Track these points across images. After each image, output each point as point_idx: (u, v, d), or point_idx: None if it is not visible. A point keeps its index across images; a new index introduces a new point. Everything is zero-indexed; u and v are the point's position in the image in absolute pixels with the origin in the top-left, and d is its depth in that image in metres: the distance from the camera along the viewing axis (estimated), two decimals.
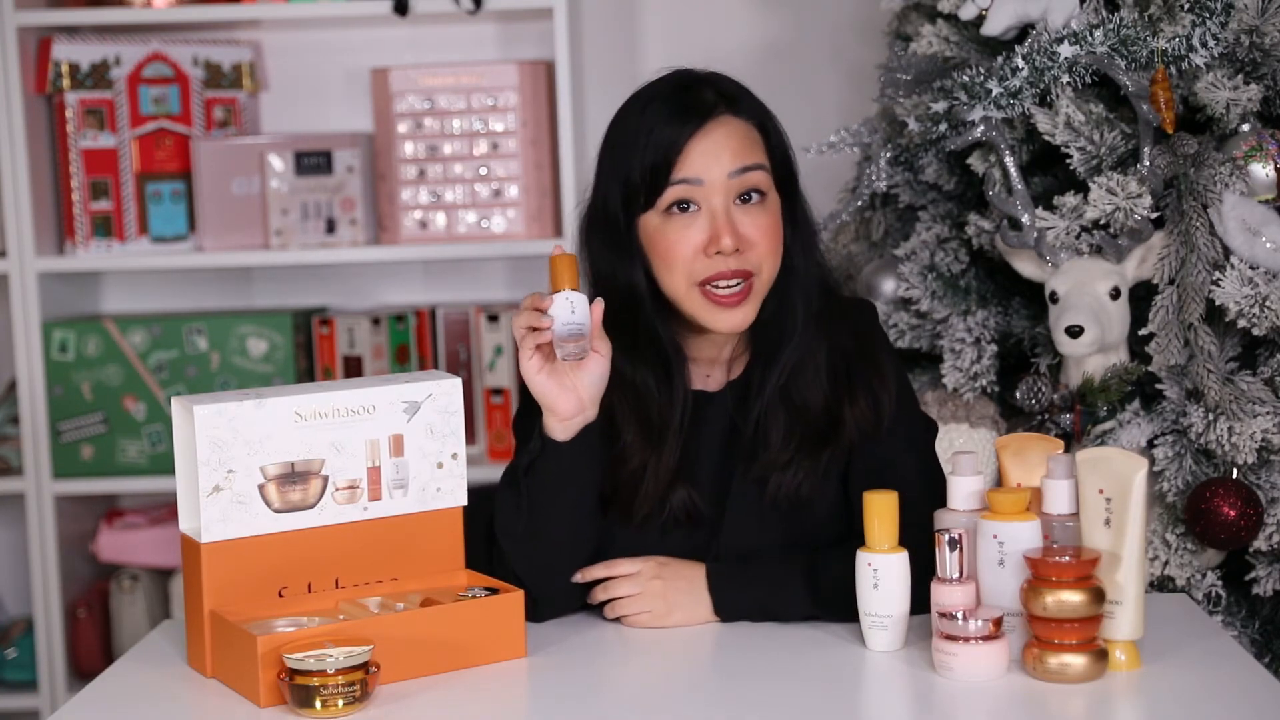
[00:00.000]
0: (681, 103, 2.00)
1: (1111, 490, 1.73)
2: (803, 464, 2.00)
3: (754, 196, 1.99)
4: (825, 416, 2.02)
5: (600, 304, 1.89)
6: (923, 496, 1.91)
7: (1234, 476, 2.33)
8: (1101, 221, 2.41)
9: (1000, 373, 2.58)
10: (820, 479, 2.01)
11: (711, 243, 1.97)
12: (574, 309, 1.85)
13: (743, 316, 1.99)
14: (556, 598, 1.98)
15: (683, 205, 1.98)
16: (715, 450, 2.05)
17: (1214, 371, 2.34)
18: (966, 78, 2.50)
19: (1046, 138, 2.47)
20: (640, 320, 2.02)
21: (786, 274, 2.04)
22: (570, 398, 1.91)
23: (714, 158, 1.98)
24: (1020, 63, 2.46)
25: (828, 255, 2.83)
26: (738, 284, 1.98)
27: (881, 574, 1.80)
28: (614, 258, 2.03)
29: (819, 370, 2.04)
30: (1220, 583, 2.38)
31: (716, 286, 1.98)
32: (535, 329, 1.87)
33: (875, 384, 2.04)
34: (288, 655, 1.68)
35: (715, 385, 2.08)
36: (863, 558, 1.81)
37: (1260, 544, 2.34)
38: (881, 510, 1.80)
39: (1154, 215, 2.40)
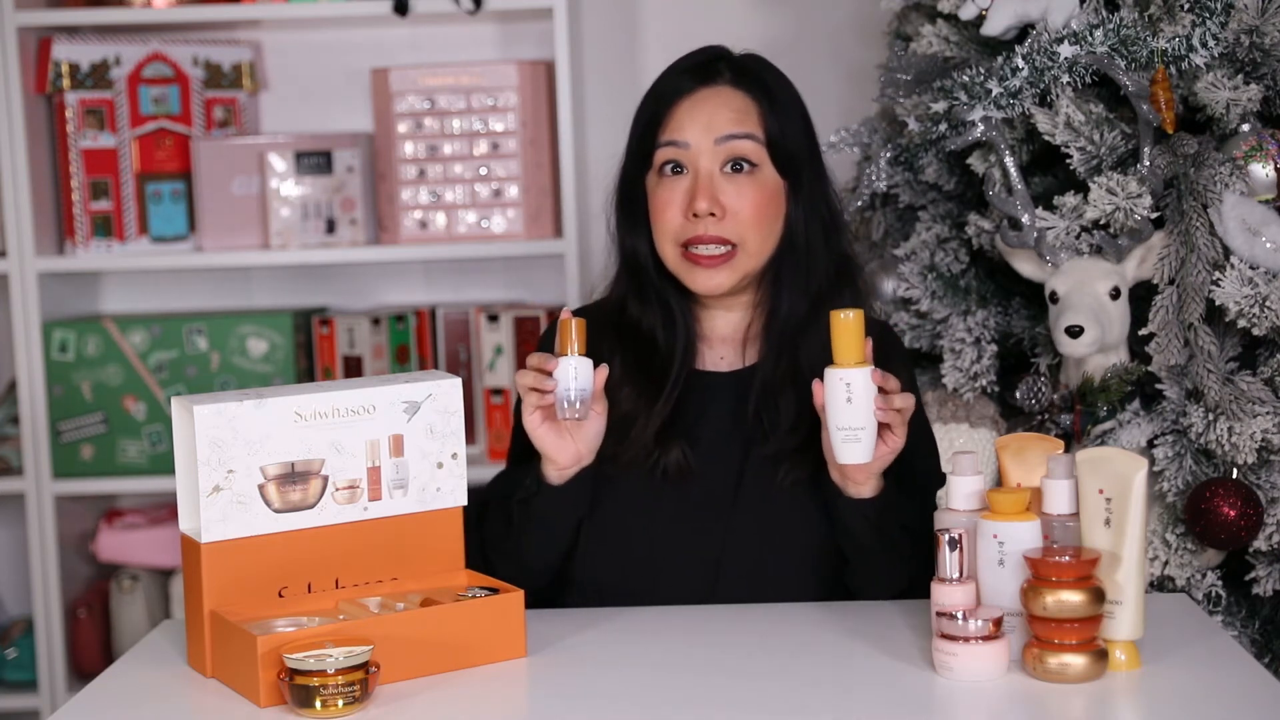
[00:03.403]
0: (687, 67, 2.08)
1: (1111, 490, 1.73)
2: (818, 455, 2.00)
3: (743, 166, 2.04)
4: None
5: (604, 370, 1.94)
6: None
7: (1234, 476, 2.33)
8: (1101, 221, 2.41)
9: (1000, 373, 2.58)
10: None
11: (689, 205, 2.01)
12: (577, 374, 1.91)
13: (719, 280, 2.04)
14: (536, 591, 2.02)
15: (675, 167, 2.05)
16: (724, 429, 2.07)
17: (1214, 371, 2.34)
18: (966, 78, 2.50)
19: (1046, 138, 2.47)
20: (645, 280, 2.09)
21: (790, 253, 2.08)
22: (569, 451, 1.97)
23: (700, 122, 2.04)
24: (1020, 63, 2.46)
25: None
26: (717, 249, 2.03)
27: (854, 388, 1.83)
28: (628, 224, 2.11)
29: None
30: (1220, 583, 2.38)
31: (696, 249, 2.03)
32: (537, 390, 1.92)
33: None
34: (288, 655, 1.68)
35: (727, 366, 2.10)
36: (833, 373, 1.84)
37: (1260, 544, 2.34)
38: (847, 329, 1.83)
39: (1154, 215, 2.40)
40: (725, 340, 2.12)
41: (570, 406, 1.91)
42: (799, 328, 2.06)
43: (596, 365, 1.93)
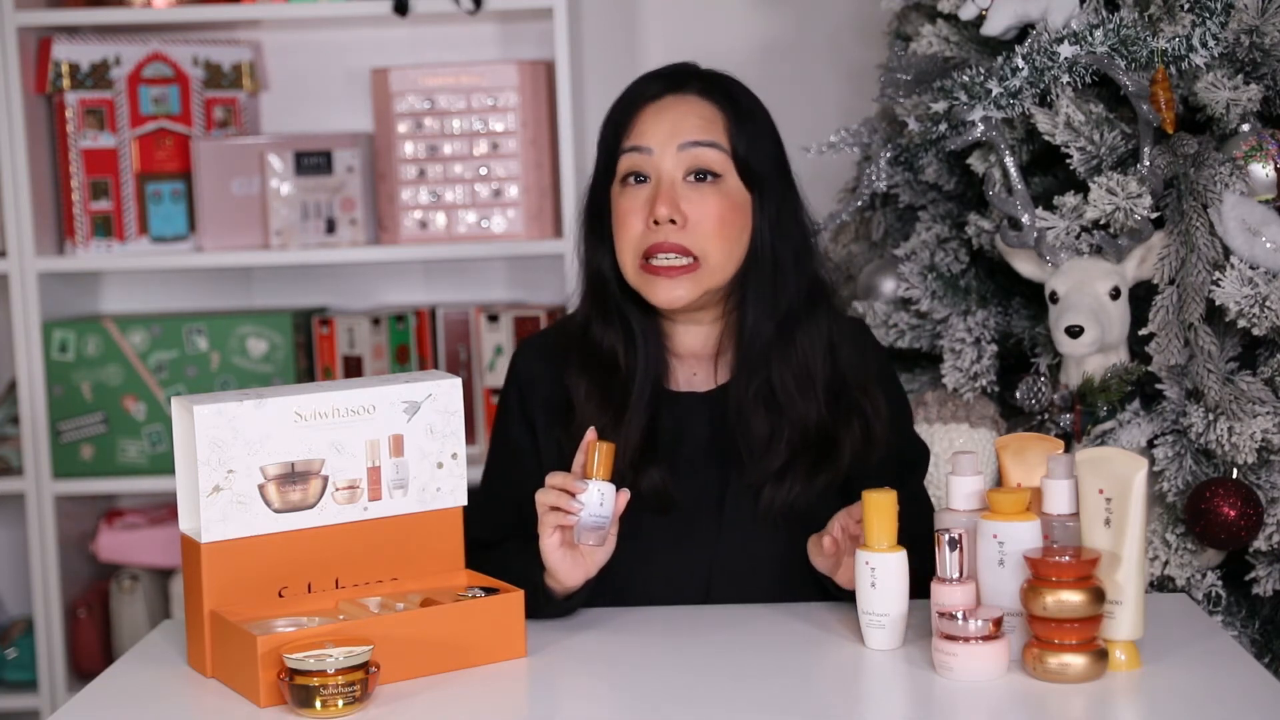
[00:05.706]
0: (654, 76, 2.05)
1: (1111, 490, 1.73)
2: (797, 479, 1.99)
3: (706, 176, 2.00)
4: (819, 434, 2.02)
5: (626, 494, 1.89)
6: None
7: (1234, 476, 2.33)
8: (1101, 221, 2.41)
9: (1000, 373, 2.58)
10: (816, 495, 2.01)
11: (651, 212, 1.98)
12: (603, 501, 1.86)
13: (679, 293, 1.99)
14: None
15: (637, 176, 2.01)
16: (702, 453, 2.04)
17: (1214, 371, 2.34)
18: (966, 78, 2.50)
19: (1046, 138, 2.47)
20: (607, 299, 2.05)
21: (757, 269, 2.02)
22: (580, 573, 1.91)
23: (664, 128, 2.00)
24: (1020, 63, 2.46)
25: (827, 256, 2.84)
26: (678, 259, 1.98)
27: (879, 573, 1.80)
28: (594, 239, 2.07)
29: (815, 383, 2.02)
30: (1220, 583, 2.38)
31: (655, 259, 1.98)
32: (560, 509, 1.86)
33: (867, 407, 2.04)
34: (288, 655, 1.68)
35: (701, 385, 2.08)
36: (861, 556, 1.81)
37: (1260, 544, 2.34)
38: (880, 509, 1.80)
39: (1154, 215, 2.40)
40: (697, 357, 2.08)
41: (591, 533, 1.87)
42: (768, 347, 2.02)
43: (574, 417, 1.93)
